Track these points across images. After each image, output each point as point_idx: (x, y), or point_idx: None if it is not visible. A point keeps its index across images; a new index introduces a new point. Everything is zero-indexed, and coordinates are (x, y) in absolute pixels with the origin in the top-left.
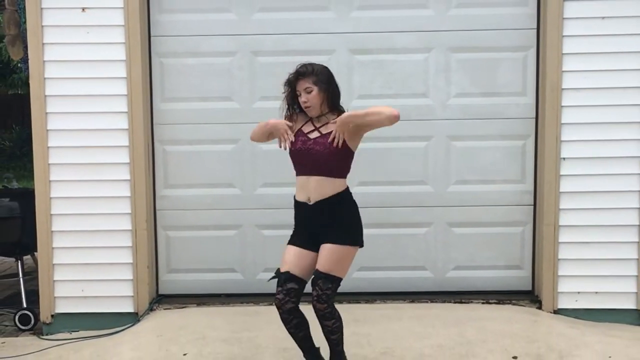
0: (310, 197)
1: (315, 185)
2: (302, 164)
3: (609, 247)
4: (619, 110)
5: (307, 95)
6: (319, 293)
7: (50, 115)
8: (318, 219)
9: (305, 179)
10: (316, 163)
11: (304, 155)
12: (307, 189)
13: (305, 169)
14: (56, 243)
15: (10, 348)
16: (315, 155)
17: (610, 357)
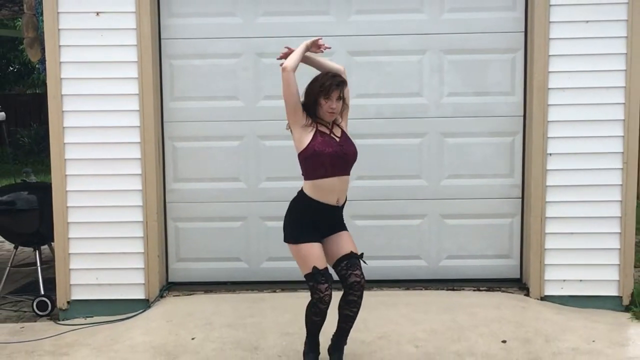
0: (339, 198)
1: (344, 187)
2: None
3: (593, 238)
4: (602, 109)
5: (337, 103)
6: (361, 271)
7: (67, 114)
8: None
9: (337, 180)
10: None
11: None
12: (336, 190)
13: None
14: (72, 234)
15: (28, 332)
16: (349, 156)
17: (594, 341)
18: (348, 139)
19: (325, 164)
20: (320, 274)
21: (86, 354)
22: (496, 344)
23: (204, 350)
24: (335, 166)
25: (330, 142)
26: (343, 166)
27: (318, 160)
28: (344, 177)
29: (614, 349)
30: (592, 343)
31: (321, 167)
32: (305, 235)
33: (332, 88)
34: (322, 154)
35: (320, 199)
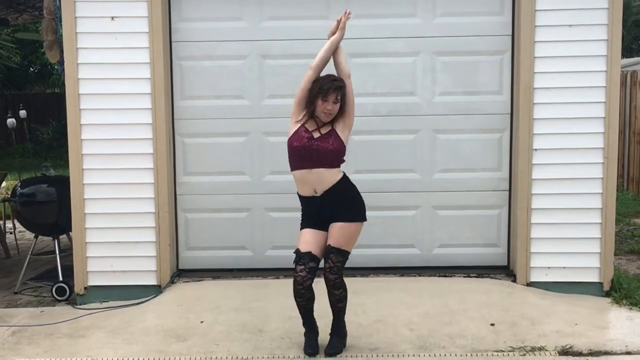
0: (315, 189)
1: (317, 178)
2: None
3: (576, 228)
4: (584, 107)
5: (333, 105)
6: (331, 265)
7: (84, 112)
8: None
9: (306, 172)
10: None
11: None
12: (308, 182)
13: (305, 164)
14: (88, 224)
15: (48, 316)
16: (321, 152)
17: (577, 324)
18: (332, 138)
19: (295, 157)
20: (299, 256)
21: (102, 336)
22: (485, 327)
23: (212, 332)
24: (304, 159)
25: (303, 137)
26: (313, 160)
27: (290, 153)
28: (314, 170)
29: (595, 331)
30: (574, 326)
31: (292, 160)
32: (303, 223)
33: (330, 91)
34: (292, 147)
35: (299, 191)
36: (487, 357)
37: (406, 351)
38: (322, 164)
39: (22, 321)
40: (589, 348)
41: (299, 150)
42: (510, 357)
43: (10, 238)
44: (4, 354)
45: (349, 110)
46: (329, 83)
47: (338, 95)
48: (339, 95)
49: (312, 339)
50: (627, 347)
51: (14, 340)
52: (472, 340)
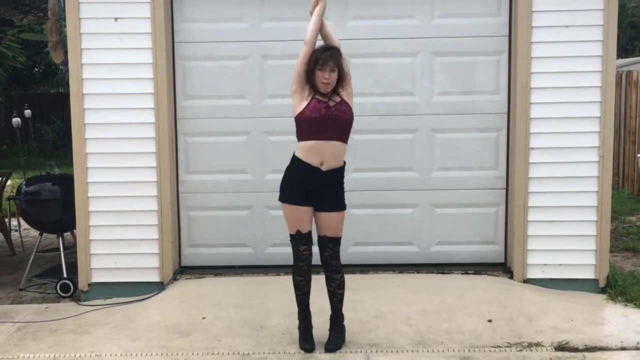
0: (323, 162)
1: (330, 151)
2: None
3: (572, 225)
4: (580, 107)
5: (331, 74)
6: (331, 253)
7: (87, 111)
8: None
9: (322, 143)
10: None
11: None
12: (321, 153)
13: (323, 135)
14: (92, 221)
15: (52, 312)
16: (340, 121)
17: (573, 320)
18: (344, 106)
19: (312, 128)
20: (301, 236)
21: (105, 332)
22: (483, 323)
23: (213, 328)
24: (322, 130)
25: (320, 108)
26: (331, 130)
27: (307, 124)
28: (332, 142)
29: (590, 327)
30: (570, 322)
31: (308, 130)
32: (294, 197)
33: (327, 60)
34: (312, 119)
35: (305, 158)
36: (485, 352)
37: (405, 347)
38: (340, 137)
39: (27, 317)
40: (585, 344)
41: (317, 120)
42: (508, 352)
43: (15, 235)
44: (9, 349)
45: (348, 78)
46: (323, 52)
47: (334, 64)
48: (335, 63)
49: (308, 332)
50: (622, 343)
51: (19, 336)
52: (470, 336)
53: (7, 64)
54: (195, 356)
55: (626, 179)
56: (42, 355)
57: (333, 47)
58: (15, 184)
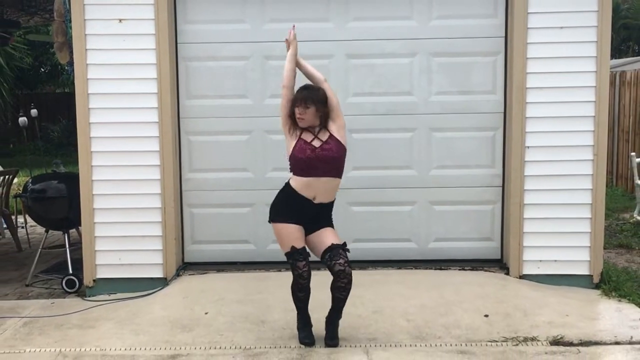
0: (316, 196)
1: (322, 187)
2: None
3: (567, 222)
4: (575, 106)
5: (306, 111)
6: (346, 259)
7: (92, 110)
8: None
9: (313, 180)
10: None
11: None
12: (313, 188)
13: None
14: (97, 218)
15: (58, 307)
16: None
17: (567, 316)
18: (331, 144)
19: (302, 166)
20: (298, 252)
21: (110, 326)
22: (479, 317)
23: (216, 323)
24: (312, 168)
25: (306, 148)
26: (321, 169)
27: (297, 163)
28: (324, 179)
29: (585, 322)
30: (565, 317)
31: (299, 169)
32: (284, 216)
33: (298, 100)
34: (299, 159)
35: (299, 190)
36: (482, 347)
37: (403, 341)
38: (330, 173)
39: (33, 312)
40: (580, 338)
41: (304, 161)
42: (504, 347)
43: (22, 232)
44: (16, 344)
45: (335, 111)
46: (299, 92)
47: (308, 102)
48: (308, 101)
49: (308, 330)
50: (616, 338)
51: (26, 331)
52: (467, 330)
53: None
54: (198, 350)
55: (620, 177)
56: (49, 349)
57: (309, 86)
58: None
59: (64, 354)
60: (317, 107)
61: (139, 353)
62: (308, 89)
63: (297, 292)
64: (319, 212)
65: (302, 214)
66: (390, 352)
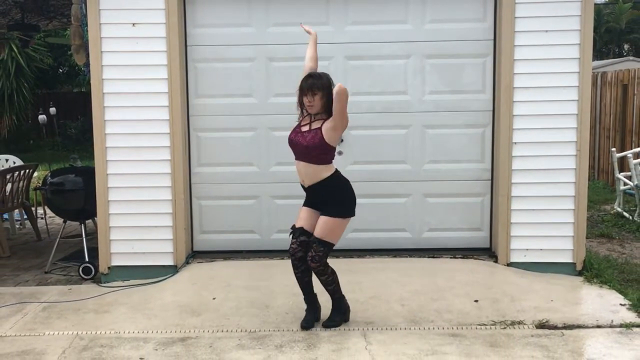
0: (303, 180)
1: (303, 170)
2: (294, 151)
3: (551, 214)
4: (559, 105)
5: (312, 98)
6: (313, 254)
7: (107, 109)
8: (315, 197)
9: (297, 163)
10: (300, 151)
11: (293, 145)
12: (299, 172)
13: (296, 156)
14: (112, 210)
15: (75, 293)
16: (298, 146)
17: (552, 301)
18: (311, 135)
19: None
20: (294, 230)
21: (124, 311)
22: (470, 303)
23: (223, 308)
24: (293, 151)
25: (293, 130)
26: (297, 152)
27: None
28: (301, 162)
29: (568, 307)
30: (550, 302)
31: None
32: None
33: (305, 88)
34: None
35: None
36: (472, 330)
37: (398, 324)
38: (303, 158)
39: (52, 298)
40: (564, 322)
41: (289, 141)
42: (493, 330)
43: (42, 223)
44: (36, 327)
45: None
46: (302, 82)
47: (313, 90)
48: (314, 89)
49: (310, 314)
50: (597, 322)
51: (45, 315)
52: (458, 314)
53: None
54: (207, 333)
55: (601, 171)
56: (66, 332)
57: (313, 74)
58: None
59: (81, 336)
60: (323, 92)
61: (151, 336)
62: (312, 77)
63: (293, 269)
64: (317, 197)
65: (307, 197)
66: (386, 335)
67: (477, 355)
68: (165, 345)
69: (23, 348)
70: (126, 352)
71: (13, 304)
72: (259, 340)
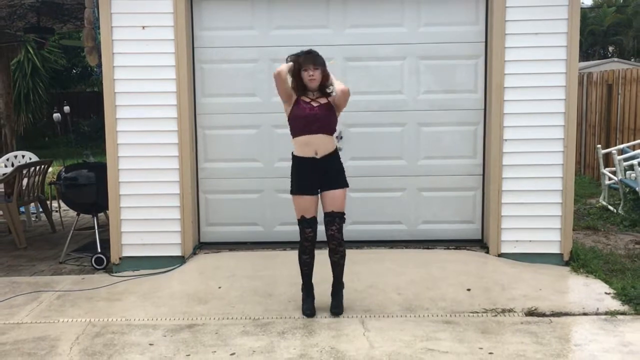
0: (317, 150)
1: (318, 141)
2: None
3: (540, 207)
4: (547, 104)
5: (315, 71)
6: (338, 227)
7: (119, 107)
8: (326, 166)
9: (310, 137)
10: (322, 124)
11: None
12: (311, 144)
13: (308, 129)
14: (123, 203)
15: (88, 282)
16: (322, 119)
17: (541, 289)
18: (326, 107)
19: (300, 124)
20: (307, 221)
21: (134, 299)
22: (462, 291)
23: (228, 296)
24: (308, 126)
25: (305, 107)
26: (315, 126)
27: (294, 122)
28: (318, 135)
29: (556, 295)
30: (539, 291)
31: (296, 127)
32: (298, 188)
33: (307, 61)
34: (296, 117)
35: (300, 153)
36: (464, 317)
37: (395, 312)
38: (322, 130)
39: (66, 287)
40: (551, 310)
41: (303, 118)
42: (484, 317)
43: (56, 216)
44: (51, 314)
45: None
46: (301, 58)
47: (316, 64)
48: (316, 63)
49: (310, 302)
50: (583, 309)
51: (59, 303)
52: (451, 303)
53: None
54: (213, 320)
55: (587, 167)
56: (79, 319)
57: (311, 51)
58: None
59: (93, 323)
60: (322, 67)
61: (159, 323)
62: (311, 53)
63: (302, 255)
64: (327, 168)
65: (313, 179)
66: (383, 322)
67: (469, 341)
68: (173, 331)
69: (38, 334)
70: (136, 339)
71: (29, 292)
72: (263, 327)
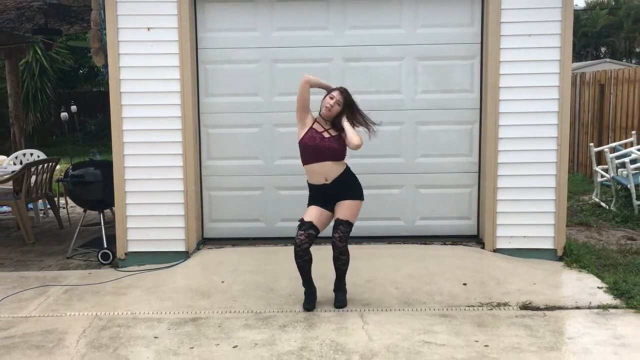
0: (326, 177)
1: (327, 169)
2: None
3: (534, 203)
4: (541, 103)
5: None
6: (340, 235)
7: (124, 107)
8: (337, 189)
9: (318, 165)
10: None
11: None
12: (319, 172)
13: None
14: (128, 200)
15: (95, 277)
16: (332, 150)
17: (535, 284)
18: (336, 138)
19: (308, 153)
20: (303, 224)
21: (139, 293)
22: (459, 286)
23: (231, 290)
24: (316, 155)
25: (315, 137)
26: (323, 156)
27: (304, 149)
28: (326, 163)
29: (550, 290)
30: (533, 285)
31: (305, 155)
32: (310, 202)
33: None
34: (305, 146)
35: (310, 180)
36: (461, 311)
37: (393, 306)
38: (332, 158)
39: (73, 281)
40: (545, 304)
41: (312, 148)
42: (480, 311)
43: (63, 212)
44: (58, 308)
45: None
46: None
47: (340, 99)
48: (340, 99)
49: (310, 297)
50: (576, 303)
51: (67, 297)
52: (448, 297)
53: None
54: (216, 314)
55: (580, 164)
56: (86, 313)
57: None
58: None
59: (100, 317)
60: (346, 107)
61: (164, 316)
62: (343, 89)
63: (295, 258)
64: (338, 188)
65: (326, 199)
66: (382, 316)
67: (465, 334)
68: (177, 325)
69: (46, 327)
70: (142, 332)
71: (37, 287)
72: (264, 320)
